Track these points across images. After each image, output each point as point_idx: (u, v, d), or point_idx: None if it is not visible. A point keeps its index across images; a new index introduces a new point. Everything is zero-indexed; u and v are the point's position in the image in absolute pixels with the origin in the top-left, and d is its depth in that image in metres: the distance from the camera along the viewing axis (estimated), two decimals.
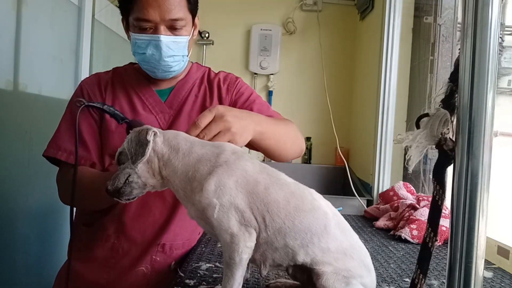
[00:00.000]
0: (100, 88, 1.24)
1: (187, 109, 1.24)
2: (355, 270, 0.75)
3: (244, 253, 0.72)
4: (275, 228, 0.74)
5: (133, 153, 0.79)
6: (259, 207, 0.73)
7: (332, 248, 0.76)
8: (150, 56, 1.14)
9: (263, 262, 0.77)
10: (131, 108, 1.22)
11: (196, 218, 0.78)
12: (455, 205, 0.53)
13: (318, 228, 0.75)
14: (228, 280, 0.73)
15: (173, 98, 1.26)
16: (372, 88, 2.37)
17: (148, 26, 1.12)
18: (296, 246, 0.74)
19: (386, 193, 1.80)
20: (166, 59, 1.15)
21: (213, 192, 0.72)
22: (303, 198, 0.77)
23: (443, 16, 2.06)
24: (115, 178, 0.81)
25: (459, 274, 0.53)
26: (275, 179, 0.77)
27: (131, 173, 0.80)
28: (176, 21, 1.12)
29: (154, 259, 1.18)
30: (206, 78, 1.31)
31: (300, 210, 0.75)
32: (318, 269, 0.74)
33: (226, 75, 1.34)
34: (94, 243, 1.20)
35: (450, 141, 0.55)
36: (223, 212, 0.72)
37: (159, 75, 1.20)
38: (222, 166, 0.75)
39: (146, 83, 1.26)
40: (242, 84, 1.33)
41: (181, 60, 1.19)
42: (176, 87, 1.27)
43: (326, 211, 0.78)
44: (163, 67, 1.17)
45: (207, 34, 2.93)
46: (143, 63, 1.18)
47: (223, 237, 0.73)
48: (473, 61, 0.51)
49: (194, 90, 1.28)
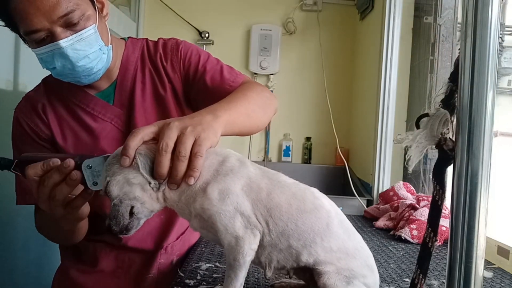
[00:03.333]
0: (38, 113, 1.08)
1: (138, 102, 1.10)
2: (357, 270, 0.75)
3: (248, 255, 0.72)
4: (278, 231, 0.74)
5: (148, 170, 0.71)
6: (262, 213, 0.74)
7: (334, 248, 0.76)
8: (62, 68, 0.96)
9: (268, 264, 0.77)
10: (81, 124, 1.08)
11: (199, 229, 0.77)
12: (455, 205, 0.53)
13: (321, 227, 0.76)
14: (231, 281, 0.73)
15: (120, 95, 1.10)
16: (372, 88, 2.37)
17: (43, 36, 0.92)
18: (300, 246, 0.74)
19: (386, 193, 1.80)
20: (80, 64, 0.96)
21: (219, 200, 0.71)
22: (304, 198, 0.77)
23: (443, 16, 2.06)
24: (116, 216, 0.72)
25: (459, 274, 0.53)
26: (276, 183, 0.77)
27: (134, 204, 0.73)
28: (69, 16, 0.91)
29: (160, 262, 1.17)
30: (148, 57, 1.14)
31: (302, 211, 0.75)
32: (320, 269, 0.74)
33: (164, 46, 1.14)
34: (98, 254, 1.16)
35: (450, 141, 0.55)
36: (229, 218, 0.71)
37: (85, 81, 1.03)
38: (228, 174, 0.74)
39: (84, 90, 1.09)
40: (185, 52, 1.14)
41: (99, 54, 0.99)
42: (119, 82, 1.10)
43: (329, 209, 0.78)
44: (82, 73, 0.99)
45: (207, 34, 2.93)
46: (61, 77, 1.00)
47: (228, 239, 0.72)
48: (473, 61, 0.51)
49: (139, 77, 1.11)
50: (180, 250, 1.22)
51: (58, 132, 1.09)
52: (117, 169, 0.72)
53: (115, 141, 1.09)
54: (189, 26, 2.92)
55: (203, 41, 2.93)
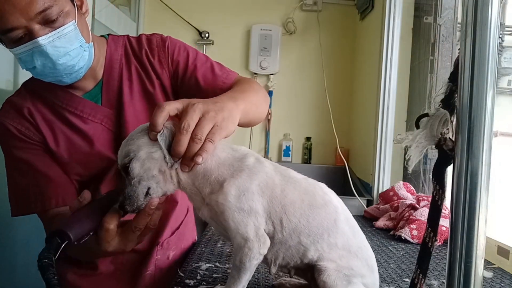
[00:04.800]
0: (25, 117, 1.02)
1: (127, 100, 1.07)
2: (357, 269, 0.76)
3: (255, 259, 0.72)
4: (291, 228, 0.74)
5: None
6: (277, 210, 0.74)
7: (339, 244, 0.76)
8: (42, 67, 0.92)
9: (273, 261, 0.77)
10: (71, 127, 1.04)
11: (208, 219, 0.77)
12: (455, 205, 0.53)
13: (329, 222, 0.76)
14: (234, 282, 0.73)
15: (108, 94, 1.06)
16: (372, 88, 2.37)
17: (20, 34, 0.88)
18: (309, 242, 0.75)
19: (386, 193, 1.80)
20: (61, 62, 0.92)
21: (235, 196, 0.72)
22: (315, 194, 0.78)
23: (443, 16, 2.06)
24: (132, 196, 0.73)
25: (459, 274, 0.53)
26: (288, 178, 0.77)
27: (150, 185, 0.73)
28: (46, 12, 0.87)
29: (156, 259, 1.17)
30: (132, 54, 1.10)
31: (313, 206, 0.76)
32: (321, 265, 0.75)
33: (149, 43, 1.11)
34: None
35: (449, 141, 0.55)
36: (242, 216, 0.71)
37: (68, 80, 0.98)
38: (244, 170, 0.74)
39: (69, 92, 1.05)
40: (173, 48, 1.12)
41: (81, 51, 0.95)
42: (105, 82, 1.07)
43: (337, 205, 0.79)
44: (64, 72, 0.95)
45: (207, 34, 2.93)
46: (42, 77, 0.96)
47: (237, 240, 0.72)
48: (473, 61, 0.51)
49: (125, 75, 1.08)
50: (175, 245, 1.22)
51: (50, 136, 1.03)
52: (142, 144, 0.73)
53: (108, 142, 1.06)
54: (189, 26, 2.92)
55: (203, 41, 2.93)
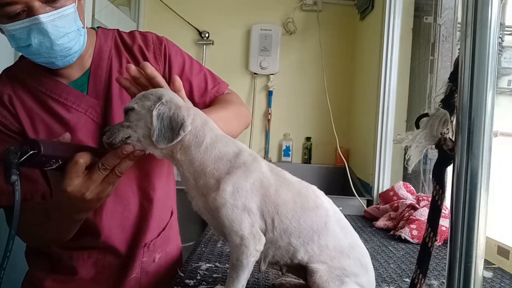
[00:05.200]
0: (4, 105, 0.99)
1: (116, 93, 1.04)
2: (350, 268, 0.76)
3: (252, 256, 0.73)
4: (282, 228, 0.75)
5: (159, 134, 0.74)
6: (270, 209, 0.74)
7: (330, 246, 0.77)
8: (38, 45, 0.90)
9: (263, 258, 0.78)
10: (53, 115, 1.01)
11: (203, 210, 0.77)
12: (455, 205, 0.53)
13: (319, 225, 0.77)
14: (233, 281, 0.74)
15: (95, 85, 1.04)
16: (372, 88, 2.37)
17: (18, 10, 0.85)
18: (298, 244, 0.76)
19: (386, 193, 1.80)
20: (59, 42, 0.91)
21: (230, 193, 0.72)
22: (307, 197, 0.78)
23: (443, 16, 2.06)
24: (114, 132, 0.77)
25: (459, 274, 0.53)
26: (283, 179, 0.78)
27: (131, 135, 0.77)
28: None
29: (142, 261, 1.13)
30: (122, 46, 1.09)
31: (305, 209, 0.77)
32: (313, 266, 0.75)
33: (144, 37, 1.11)
34: (75, 262, 1.08)
35: (449, 141, 0.55)
36: (237, 214, 0.72)
37: (60, 63, 0.96)
38: (241, 167, 0.75)
39: (54, 79, 1.02)
40: (170, 50, 1.11)
41: (77, 35, 0.95)
42: (93, 71, 1.04)
43: (328, 208, 0.79)
44: (60, 53, 0.93)
45: (207, 34, 2.93)
46: (35, 56, 0.93)
47: (233, 238, 0.73)
48: (472, 61, 0.51)
49: (115, 66, 1.06)
50: (161, 247, 1.17)
51: (29, 124, 1.00)
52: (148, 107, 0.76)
53: (91, 133, 1.03)
54: (189, 26, 2.92)
55: (203, 41, 2.93)
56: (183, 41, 2.84)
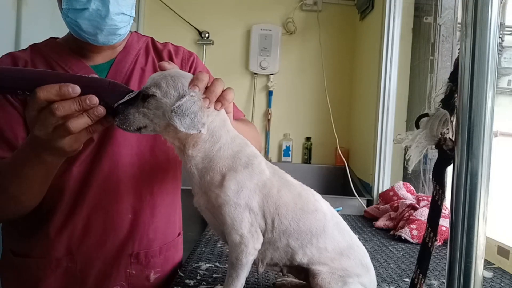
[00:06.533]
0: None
1: (134, 85, 1.03)
2: (351, 269, 0.76)
3: (251, 255, 0.73)
4: (281, 229, 0.75)
5: (182, 120, 0.70)
6: (271, 209, 0.75)
7: (329, 248, 0.77)
8: (94, 12, 0.89)
9: (261, 260, 0.78)
10: None
11: (203, 208, 0.77)
12: (455, 205, 0.53)
13: (318, 229, 0.77)
14: (232, 280, 0.74)
15: (115, 73, 1.03)
16: (372, 88, 2.37)
17: None
18: (297, 246, 0.76)
19: (386, 193, 1.80)
20: (114, 17, 0.92)
21: (234, 191, 0.73)
22: (307, 199, 0.79)
23: (443, 16, 2.06)
24: (129, 119, 0.73)
25: (459, 274, 0.53)
26: (284, 181, 0.79)
27: (147, 126, 0.73)
28: None
29: (129, 273, 1.02)
30: (152, 48, 1.11)
31: (305, 211, 0.77)
32: (314, 269, 0.76)
33: (176, 48, 1.14)
34: (42, 272, 0.97)
35: (449, 141, 0.55)
36: (239, 212, 0.73)
37: (101, 39, 0.95)
38: (247, 167, 0.75)
39: (77, 57, 1.02)
40: (197, 65, 1.13)
41: (128, 21, 0.98)
42: (117, 60, 1.04)
43: (326, 212, 0.80)
44: (108, 28, 0.93)
45: (207, 34, 2.92)
46: (85, 22, 0.91)
47: (233, 237, 0.73)
48: (472, 61, 0.51)
49: (140, 62, 1.07)
50: (161, 267, 1.08)
51: None
52: (174, 94, 0.73)
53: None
54: (189, 26, 2.92)
55: (203, 41, 2.93)
56: (183, 41, 2.84)
